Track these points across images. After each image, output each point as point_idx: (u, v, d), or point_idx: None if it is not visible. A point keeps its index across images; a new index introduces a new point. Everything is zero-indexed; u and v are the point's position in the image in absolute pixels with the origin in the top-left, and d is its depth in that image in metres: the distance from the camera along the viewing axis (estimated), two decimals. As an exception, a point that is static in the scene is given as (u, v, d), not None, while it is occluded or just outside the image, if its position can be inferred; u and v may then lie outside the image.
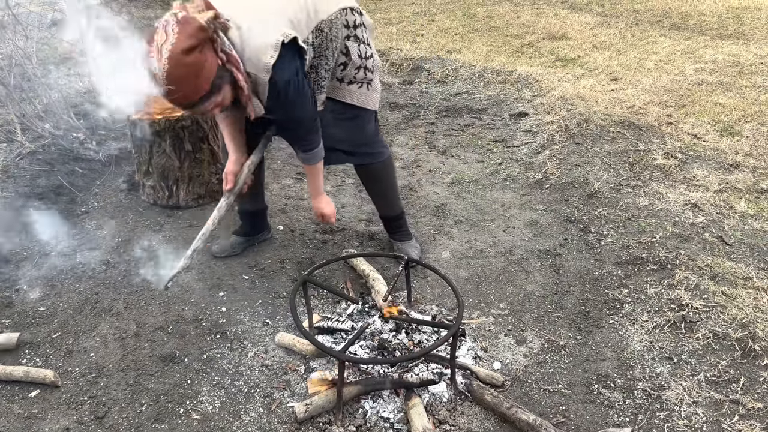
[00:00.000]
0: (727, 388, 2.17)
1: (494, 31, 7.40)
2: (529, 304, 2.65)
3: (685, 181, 3.61)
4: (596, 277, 2.81)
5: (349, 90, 2.44)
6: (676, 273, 2.77)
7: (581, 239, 3.11)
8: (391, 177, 2.85)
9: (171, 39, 1.80)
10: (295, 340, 2.35)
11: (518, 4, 8.81)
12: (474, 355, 2.34)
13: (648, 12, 8.11)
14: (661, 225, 3.16)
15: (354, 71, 2.40)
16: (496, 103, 5.06)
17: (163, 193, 3.37)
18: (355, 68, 2.39)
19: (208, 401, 2.14)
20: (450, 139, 4.45)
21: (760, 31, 6.95)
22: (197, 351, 2.37)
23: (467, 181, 3.80)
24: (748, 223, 3.18)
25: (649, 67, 5.71)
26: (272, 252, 3.02)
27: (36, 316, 2.55)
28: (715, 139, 4.15)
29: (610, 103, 4.73)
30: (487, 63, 6.04)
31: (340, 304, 2.63)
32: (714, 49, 6.23)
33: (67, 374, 2.24)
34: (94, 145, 3.86)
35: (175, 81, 1.83)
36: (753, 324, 2.42)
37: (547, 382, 2.22)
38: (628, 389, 2.18)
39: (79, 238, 3.10)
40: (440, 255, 3.01)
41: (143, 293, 2.69)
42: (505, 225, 3.27)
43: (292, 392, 2.18)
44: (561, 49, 6.51)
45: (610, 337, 2.44)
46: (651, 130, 4.29)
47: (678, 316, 2.50)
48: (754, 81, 5.24)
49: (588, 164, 3.82)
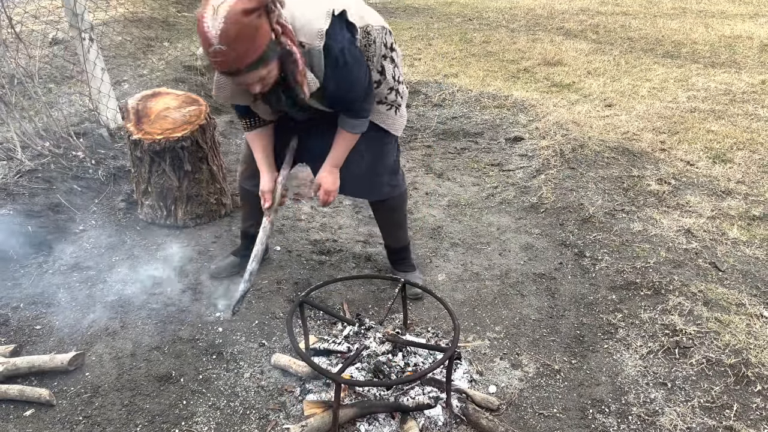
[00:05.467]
0: (720, 414, 2.18)
1: (491, 56, 7.50)
2: (525, 327, 2.67)
3: (678, 207, 3.65)
4: (591, 301, 2.83)
5: (378, 110, 2.44)
6: (669, 298, 2.79)
7: (576, 263, 3.13)
8: (405, 209, 2.88)
9: (229, 1, 1.77)
10: (291, 362, 2.35)
11: (514, 30, 8.95)
12: (470, 378, 2.35)
13: (641, 40, 8.24)
14: (655, 250, 3.19)
15: (386, 91, 2.40)
16: (492, 127, 5.12)
17: (161, 212, 3.39)
18: (388, 88, 2.39)
19: (203, 422, 2.13)
20: (446, 162, 4.50)
21: (752, 60, 7.07)
22: (193, 371, 2.37)
23: (463, 204, 3.83)
24: (741, 250, 3.21)
25: (643, 94, 5.80)
26: (269, 273, 3.03)
27: (32, 334, 2.55)
28: (708, 166, 4.20)
29: (605, 129, 4.80)
30: (484, 87, 6.11)
31: (337, 326, 2.64)
32: (706, 77, 6.33)
33: (62, 393, 2.23)
34: (93, 163, 3.88)
35: (230, 40, 1.78)
36: (746, 350, 2.44)
37: (542, 407, 2.23)
38: (622, 414, 2.19)
39: (76, 257, 3.11)
40: (436, 277, 3.03)
41: (139, 312, 2.69)
42: (500, 248, 3.30)
43: (288, 414, 2.18)
44: (556, 74, 6.60)
45: (605, 361, 2.45)
46: (645, 156, 4.34)
47: (672, 342, 2.52)
48: (745, 109, 5.33)
49: (583, 189, 3.86)
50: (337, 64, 2.08)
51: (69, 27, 4.11)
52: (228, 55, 1.82)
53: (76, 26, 4.03)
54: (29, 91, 3.97)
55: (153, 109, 3.36)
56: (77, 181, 3.71)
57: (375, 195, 2.70)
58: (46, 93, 4.88)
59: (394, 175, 2.69)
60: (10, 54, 3.84)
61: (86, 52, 4.09)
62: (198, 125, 3.26)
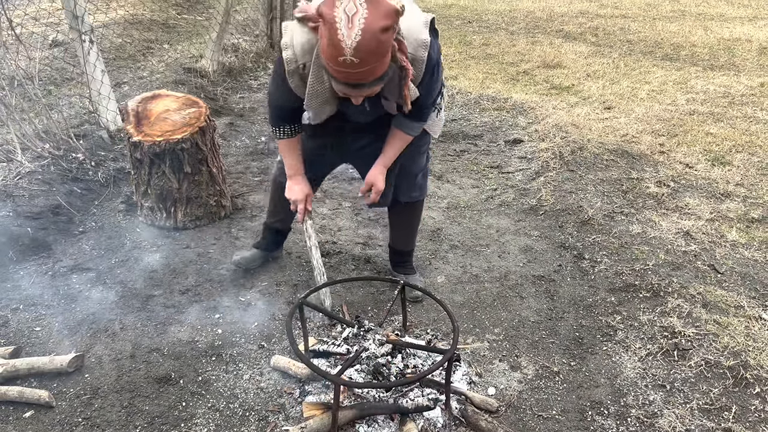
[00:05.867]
0: (719, 417, 2.18)
1: (490, 58, 7.52)
2: (524, 329, 2.67)
3: (677, 210, 3.65)
4: (590, 303, 2.83)
5: None
6: (668, 300, 2.80)
7: (575, 266, 3.14)
8: (421, 213, 2.93)
9: (363, 12, 1.76)
10: (290, 363, 2.36)
11: (514, 33, 8.96)
12: (469, 380, 2.35)
13: (640, 42, 8.26)
14: (653, 252, 3.20)
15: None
16: (492, 129, 5.13)
17: (160, 214, 3.39)
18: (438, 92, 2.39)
19: (202, 424, 2.13)
20: (446, 164, 4.50)
21: (751, 63, 7.09)
22: (192, 373, 2.37)
23: (463, 206, 3.84)
24: (739, 252, 3.22)
25: (642, 97, 5.81)
26: (269, 274, 3.03)
27: (32, 335, 2.55)
28: (707, 168, 4.21)
29: (604, 132, 4.80)
30: (483, 90, 6.12)
31: (336, 328, 2.64)
32: (705, 80, 6.34)
33: (61, 395, 2.23)
34: (93, 165, 3.88)
35: (365, 55, 1.78)
36: (745, 352, 2.45)
37: (541, 408, 2.23)
38: (621, 416, 2.19)
39: (75, 258, 3.11)
40: (436, 279, 3.03)
41: (139, 314, 2.70)
42: (500, 250, 3.30)
43: (287, 416, 2.18)
44: (555, 77, 6.61)
45: (604, 363, 2.46)
46: (644, 158, 4.35)
47: (671, 344, 2.52)
48: (744, 111, 5.34)
49: (582, 191, 3.87)
50: (433, 72, 2.13)
51: (69, 29, 4.11)
52: (358, 68, 1.81)
53: (76, 28, 4.04)
54: (29, 93, 3.97)
55: (153, 111, 3.37)
56: (77, 182, 3.72)
57: (406, 196, 2.70)
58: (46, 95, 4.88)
59: (424, 178, 2.72)
60: (10, 56, 3.85)
61: (86, 54, 4.10)
62: (198, 127, 3.27)
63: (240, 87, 6.13)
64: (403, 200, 2.72)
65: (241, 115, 5.38)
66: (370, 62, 1.81)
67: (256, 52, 6.94)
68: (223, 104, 5.47)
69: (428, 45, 2.04)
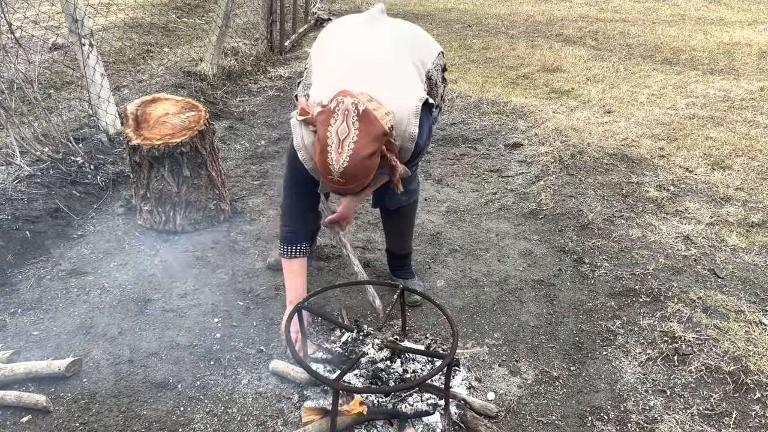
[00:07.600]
0: (719, 422, 2.17)
1: (490, 62, 7.52)
2: (524, 334, 2.66)
3: (677, 214, 3.65)
4: (590, 308, 2.82)
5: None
6: (668, 305, 2.79)
7: (575, 270, 3.13)
8: (414, 217, 2.93)
9: (353, 136, 1.85)
10: (289, 368, 2.35)
11: (513, 37, 8.97)
12: (468, 385, 2.34)
13: (640, 47, 8.27)
14: (653, 257, 3.19)
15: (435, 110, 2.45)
16: (491, 133, 5.13)
17: (160, 217, 3.38)
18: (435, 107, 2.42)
19: (200, 429, 2.12)
20: (445, 168, 4.50)
21: (751, 67, 7.09)
22: (191, 377, 2.36)
23: (462, 210, 3.83)
24: (740, 257, 3.21)
25: (642, 101, 5.81)
26: (267, 278, 3.02)
27: (29, 339, 2.54)
28: (707, 172, 4.21)
29: (604, 136, 4.80)
30: (483, 94, 6.12)
31: (335, 332, 2.63)
32: (705, 84, 6.34)
33: (59, 399, 2.22)
34: (92, 169, 3.88)
35: (349, 177, 1.89)
36: (745, 357, 2.44)
37: (540, 414, 2.23)
38: (621, 422, 2.18)
39: (74, 262, 3.11)
40: (435, 283, 3.02)
41: (137, 318, 2.69)
42: (499, 254, 3.30)
43: (286, 420, 2.17)
44: (555, 81, 6.62)
45: (604, 368, 2.45)
46: (644, 162, 4.35)
47: (671, 349, 2.51)
48: (744, 116, 5.34)
49: (582, 195, 3.86)
50: (421, 150, 2.19)
51: (69, 32, 4.11)
52: (345, 185, 1.94)
53: (75, 32, 4.04)
54: (29, 96, 3.97)
55: (152, 115, 3.36)
56: (76, 186, 3.71)
57: (393, 203, 2.70)
58: (45, 98, 4.88)
59: (411, 184, 2.70)
60: (10, 59, 3.84)
61: (86, 57, 4.10)
62: (197, 131, 3.26)
63: (240, 90, 6.13)
64: (392, 208, 2.72)
65: (241, 118, 5.38)
66: (354, 182, 1.94)
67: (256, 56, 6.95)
68: (222, 108, 5.47)
69: (415, 137, 2.08)
